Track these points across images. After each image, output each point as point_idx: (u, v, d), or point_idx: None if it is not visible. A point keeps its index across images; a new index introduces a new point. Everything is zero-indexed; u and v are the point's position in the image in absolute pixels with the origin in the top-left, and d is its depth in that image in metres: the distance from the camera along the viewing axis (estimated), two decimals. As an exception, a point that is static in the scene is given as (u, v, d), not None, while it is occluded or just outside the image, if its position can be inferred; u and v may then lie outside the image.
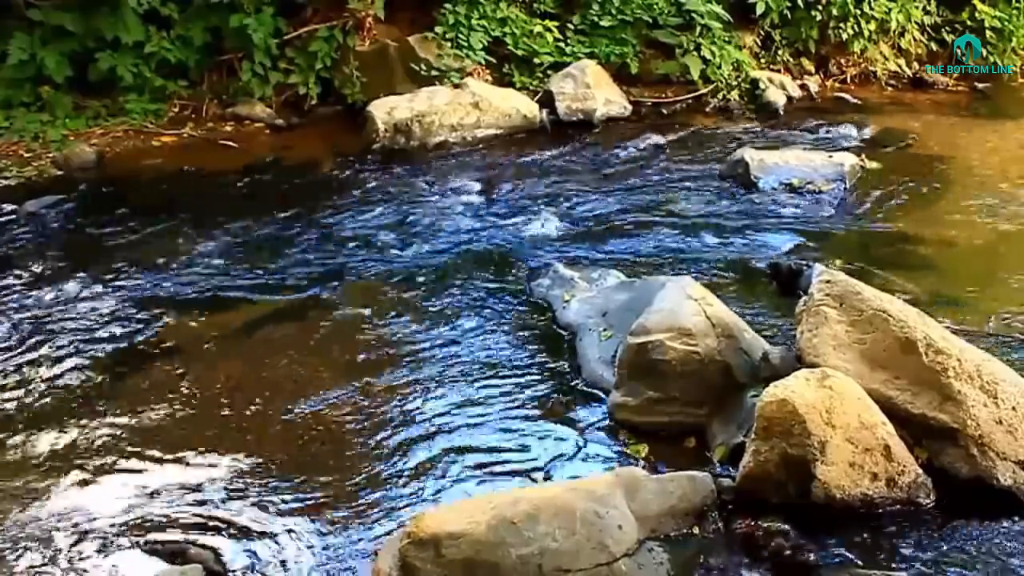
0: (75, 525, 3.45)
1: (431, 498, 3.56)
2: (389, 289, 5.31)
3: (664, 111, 8.72)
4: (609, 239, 5.93)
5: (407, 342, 4.69)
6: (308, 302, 5.17)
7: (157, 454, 3.85)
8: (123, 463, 3.80)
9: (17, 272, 5.49)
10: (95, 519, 3.48)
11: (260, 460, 3.81)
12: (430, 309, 5.04)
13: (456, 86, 8.14)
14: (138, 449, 3.88)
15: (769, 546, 3.18)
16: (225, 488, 3.65)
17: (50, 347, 4.67)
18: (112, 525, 3.44)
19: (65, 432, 4.00)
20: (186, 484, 3.67)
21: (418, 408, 4.15)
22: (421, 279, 5.40)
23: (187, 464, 3.79)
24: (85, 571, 3.25)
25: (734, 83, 8.95)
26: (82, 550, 3.33)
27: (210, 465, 3.78)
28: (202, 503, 3.57)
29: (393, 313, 5.01)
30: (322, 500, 3.58)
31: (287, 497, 3.60)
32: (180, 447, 3.90)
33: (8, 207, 6.42)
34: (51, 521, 3.47)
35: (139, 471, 3.75)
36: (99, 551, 3.33)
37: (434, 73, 8.30)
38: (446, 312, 5.00)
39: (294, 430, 4.00)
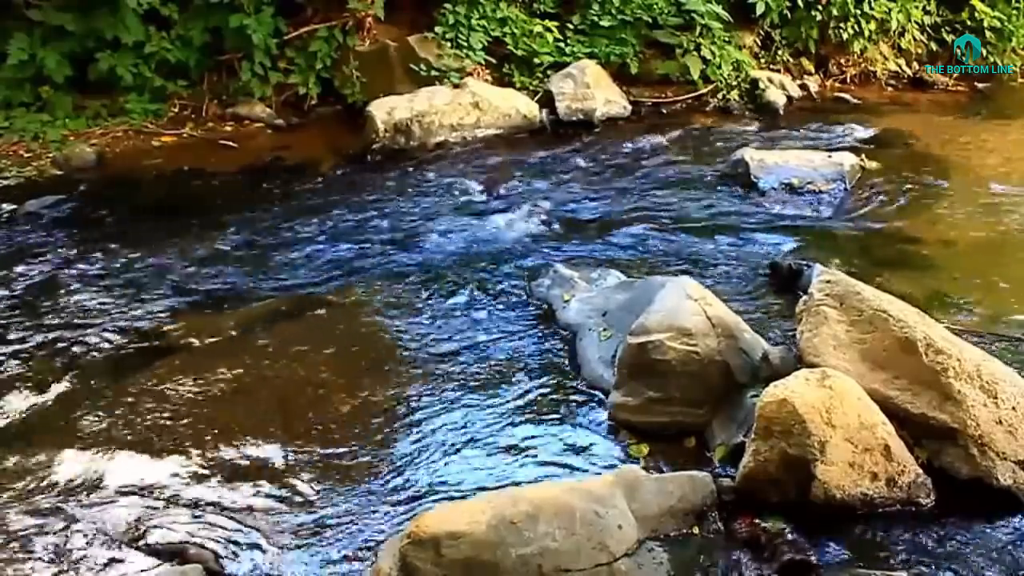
0: (75, 525, 3.45)
1: (431, 498, 3.56)
2: (388, 289, 5.30)
3: (664, 111, 8.72)
4: (609, 239, 5.94)
5: (406, 342, 4.69)
6: (308, 302, 5.17)
7: (157, 453, 3.85)
8: (123, 462, 3.79)
9: (17, 272, 5.49)
10: (95, 518, 3.47)
11: (260, 460, 3.81)
12: (429, 309, 5.04)
13: (456, 86, 8.14)
14: (138, 448, 3.88)
15: (769, 546, 3.18)
16: (225, 488, 3.65)
17: (50, 347, 4.67)
18: (112, 525, 3.44)
19: (65, 431, 4.00)
20: (186, 483, 3.67)
21: (418, 408, 4.15)
22: (420, 279, 5.40)
23: (187, 463, 3.79)
24: (84, 570, 3.25)
25: (734, 83, 8.96)
26: (82, 549, 3.33)
27: (210, 465, 3.78)
28: (202, 503, 3.57)
29: (392, 313, 5.01)
30: (322, 500, 3.58)
31: (287, 497, 3.60)
32: (180, 446, 3.89)
33: (8, 207, 6.42)
34: (51, 520, 3.47)
35: (139, 471, 3.74)
36: (99, 550, 3.32)
37: (434, 73, 8.31)
38: (446, 312, 5.00)
39: (294, 430, 4.00)
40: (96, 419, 4.09)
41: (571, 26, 9.07)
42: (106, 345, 4.71)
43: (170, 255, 5.73)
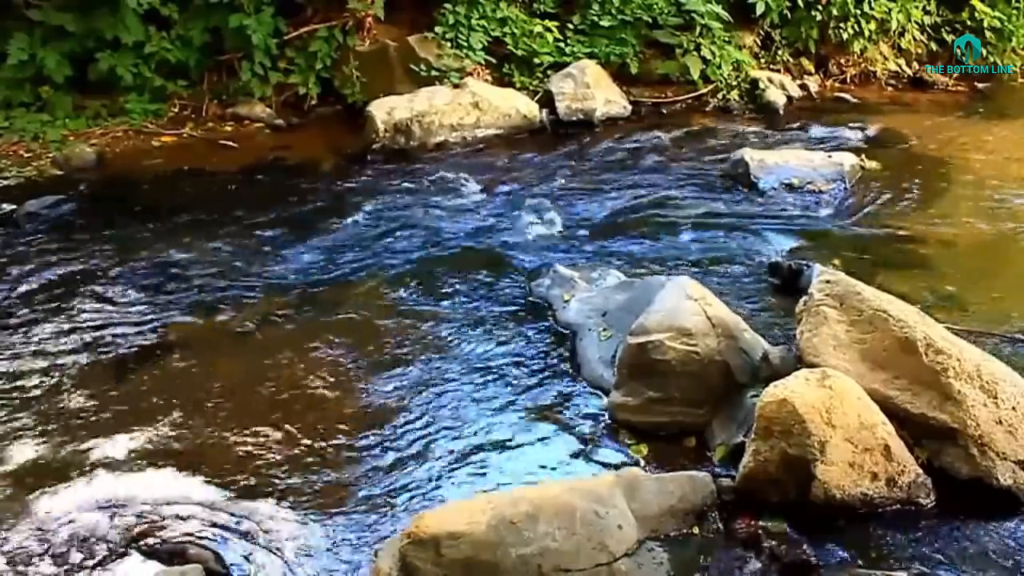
0: (75, 525, 3.45)
1: (431, 498, 3.56)
2: (389, 289, 5.31)
3: (664, 111, 8.73)
4: (609, 239, 5.94)
5: (406, 342, 4.69)
6: (308, 302, 5.17)
7: (157, 454, 3.85)
8: (123, 463, 3.80)
9: (16, 272, 5.49)
10: (95, 519, 3.47)
11: (260, 460, 3.81)
12: (430, 309, 5.03)
13: (456, 86, 8.15)
14: (138, 449, 3.88)
15: (769, 546, 3.18)
16: (225, 488, 3.65)
17: (49, 347, 4.67)
18: (112, 525, 3.44)
19: (65, 432, 4.00)
20: (186, 484, 3.67)
21: (418, 408, 4.15)
22: (421, 279, 5.39)
23: (187, 464, 3.79)
24: (85, 571, 3.25)
25: (734, 83, 8.97)
26: (82, 550, 3.33)
27: (210, 465, 3.78)
28: (202, 503, 3.56)
29: (393, 313, 5.01)
30: (322, 500, 3.58)
31: (287, 497, 3.60)
32: (180, 447, 3.90)
33: (8, 207, 6.42)
34: (51, 521, 3.47)
35: (139, 471, 3.75)
36: (99, 551, 3.32)
37: (434, 73, 8.31)
38: (446, 312, 5.00)
39: (294, 430, 4.00)
40: (96, 419, 4.09)
41: (571, 26, 9.07)
42: (106, 345, 4.70)
43: (170, 255, 5.72)
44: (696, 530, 3.25)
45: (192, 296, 5.23)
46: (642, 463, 3.71)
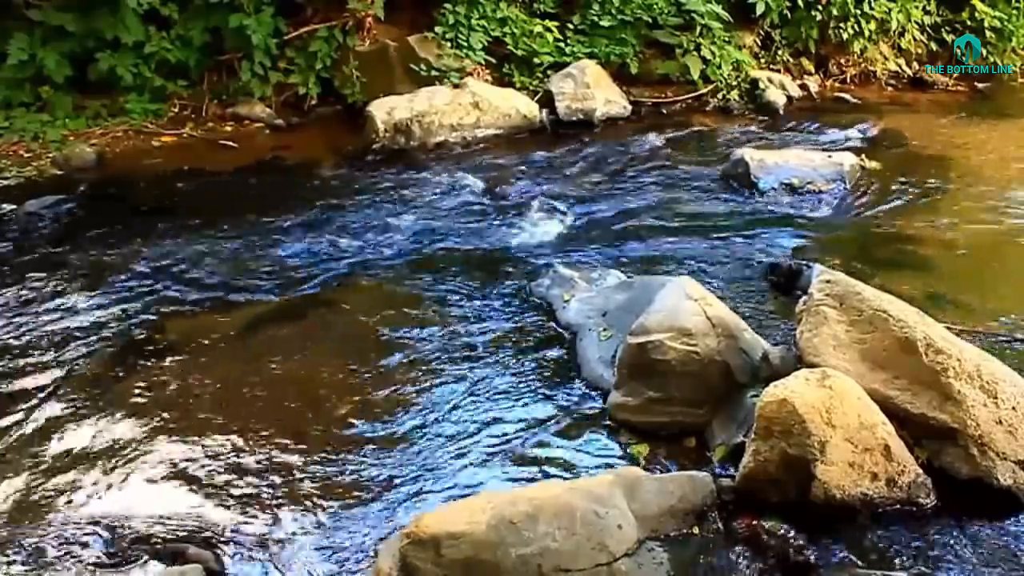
0: (74, 526, 3.45)
1: (431, 498, 3.56)
2: (388, 289, 5.31)
3: (664, 111, 8.74)
4: (609, 239, 5.94)
5: (406, 342, 4.69)
6: (308, 302, 5.17)
7: (156, 454, 3.85)
8: (122, 463, 3.80)
9: (16, 272, 5.49)
10: (94, 520, 3.48)
11: (259, 460, 3.81)
12: (429, 309, 5.03)
13: (456, 86, 8.15)
14: (137, 449, 3.88)
15: (769, 546, 3.18)
16: (225, 488, 3.65)
17: (50, 347, 4.67)
18: (112, 526, 3.44)
19: (65, 432, 4.00)
20: (186, 484, 3.67)
21: (417, 408, 4.15)
22: (420, 279, 5.40)
23: (187, 464, 3.79)
24: (85, 572, 3.24)
25: (734, 83, 8.97)
26: (81, 551, 3.33)
27: (210, 465, 3.78)
28: (202, 503, 3.57)
29: (392, 313, 5.01)
30: (322, 500, 3.58)
31: (287, 497, 3.60)
32: (179, 447, 3.90)
33: (8, 207, 6.42)
34: (50, 522, 3.47)
35: (138, 471, 3.75)
36: (98, 552, 3.33)
37: (434, 73, 8.31)
38: (445, 312, 4.99)
39: (294, 430, 4.00)
40: (96, 419, 4.09)
41: (571, 26, 9.07)
42: (105, 345, 4.70)
43: (170, 255, 5.72)
44: (696, 530, 3.25)
45: (192, 296, 5.23)
46: (642, 463, 3.71)
